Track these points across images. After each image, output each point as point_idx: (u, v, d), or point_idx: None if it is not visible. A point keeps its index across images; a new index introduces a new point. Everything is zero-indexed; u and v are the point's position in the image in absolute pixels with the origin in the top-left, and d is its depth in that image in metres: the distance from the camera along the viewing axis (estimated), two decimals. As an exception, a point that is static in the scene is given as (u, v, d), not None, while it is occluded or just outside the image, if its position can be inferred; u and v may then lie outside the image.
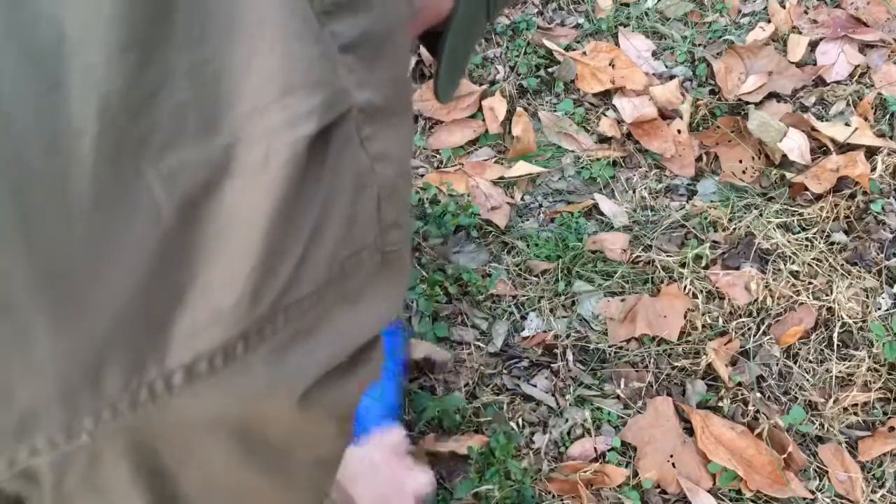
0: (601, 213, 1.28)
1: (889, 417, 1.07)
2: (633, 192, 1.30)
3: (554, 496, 1.00)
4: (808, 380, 1.10)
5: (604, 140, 1.37)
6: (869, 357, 1.10)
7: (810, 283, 1.17)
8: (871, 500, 1.01)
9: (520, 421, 1.07)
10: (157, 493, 0.29)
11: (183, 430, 0.28)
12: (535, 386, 1.10)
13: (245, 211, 0.27)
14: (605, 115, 1.39)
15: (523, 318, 1.16)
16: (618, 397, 1.09)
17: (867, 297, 1.16)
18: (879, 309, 1.15)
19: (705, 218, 1.25)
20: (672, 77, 1.44)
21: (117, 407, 0.26)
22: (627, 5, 1.56)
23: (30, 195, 0.24)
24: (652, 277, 1.19)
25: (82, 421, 0.26)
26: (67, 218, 0.24)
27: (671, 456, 1.03)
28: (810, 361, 1.11)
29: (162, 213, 0.25)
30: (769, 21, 1.51)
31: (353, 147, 0.30)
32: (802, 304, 1.15)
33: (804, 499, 1.00)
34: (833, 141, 1.30)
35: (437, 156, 1.36)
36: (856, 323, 1.13)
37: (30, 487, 0.28)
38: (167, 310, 0.26)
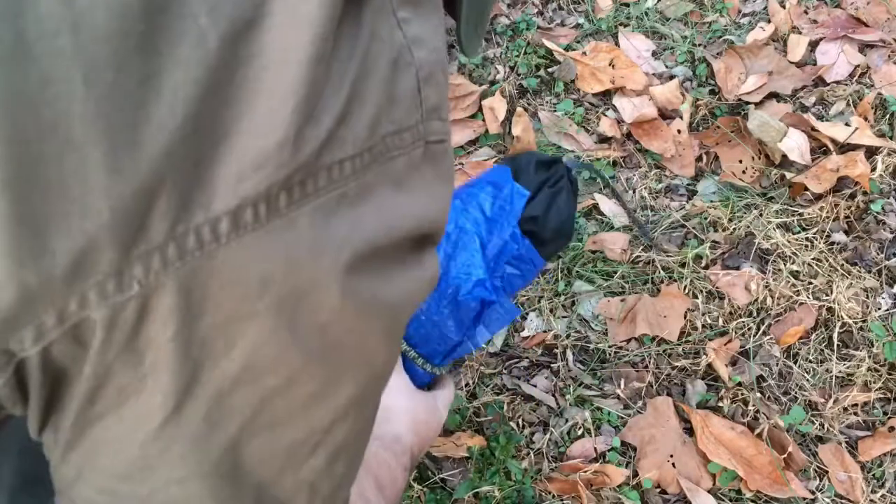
0: (601, 213, 1.28)
1: (889, 417, 1.07)
2: (633, 192, 1.31)
3: (554, 496, 1.00)
4: (808, 380, 1.10)
5: (604, 140, 1.37)
6: (869, 357, 1.10)
7: (810, 283, 1.17)
8: (871, 500, 1.01)
9: (520, 421, 1.07)
10: (192, 368, 0.28)
11: (231, 288, 0.27)
12: (535, 386, 1.10)
13: (287, 47, 0.26)
14: (605, 115, 1.39)
15: (523, 318, 1.16)
16: (618, 397, 1.09)
17: (867, 297, 1.16)
18: (879, 309, 1.15)
19: (705, 218, 1.25)
20: (672, 77, 1.44)
21: (166, 254, 0.25)
22: (627, 5, 1.56)
23: (81, 11, 0.23)
24: (652, 277, 1.19)
25: (133, 268, 0.25)
26: (119, 36, 0.23)
27: (671, 456, 1.03)
28: (810, 361, 1.11)
29: (208, 41, 0.25)
30: (769, 21, 1.51)
31: (390, 21, 0.31)
32: (802, 304, 1.15)
33: (804, 499, 1.00)
34: (833, 141, 1.30)
35: (437, 156, 1.36)
36: (856, 323, 1.13)
37: (75, 351, 0.26)
38: (213, 149, 0.26)
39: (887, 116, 1.34)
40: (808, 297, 1.15)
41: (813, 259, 1.19)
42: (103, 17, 0.23)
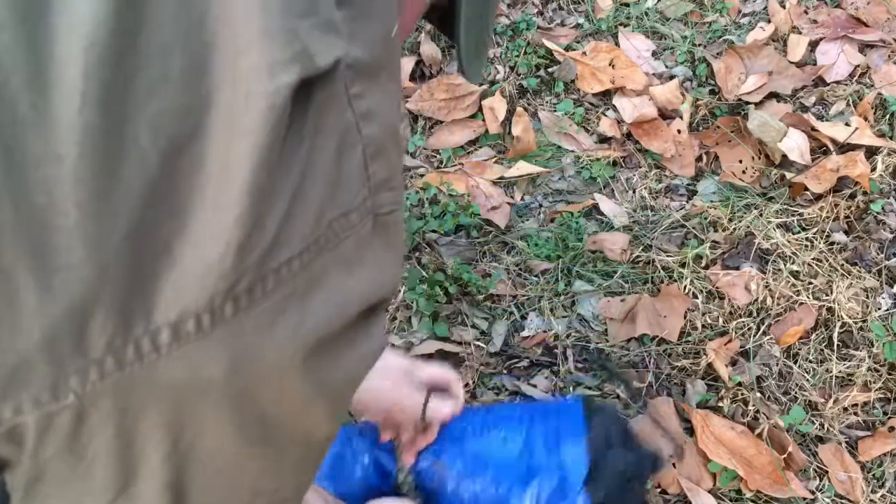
0: (601, 213, 1.28)
1: (889, 417, 1.07)
2: (633, 192, 1.30)
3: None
4: (808, 380, 1.10)
5: (604, 140, 1.37)
6: (869, 357, 1.10)
7: (810, 283, 1.17)
8: (871, 500, 1.01)
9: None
10: (131, 465, 0.29)
11: (171, 392, 0.27)
12: (535, 386, 1.10)
13: (229, 159, 0.26)
14: (605, 115, 1.39)
15: (523, 318, 1.16)
16: (618, 397, 1.09)
17: (867, 297, 1.16)
18: (879, 309, 1.15)
19: (705, 218, 1.25)
20: (672, 77, 1.44)
21: (104, 366, 0.26)
22: (627, 5, 1.56)
23: (13, 136, 0.23)
24: (652, 277, 1.19)
25: (69, 380, 0.26)
26: (54, 162, 0.24)
27: (671, 456, 1.03)
28: (810, 361, 1.11)
29: (148, 159, 0.25)
30: (769, 21, 1.51)
31: (339, 105, 0.30)
32: (802, 304, 1.15)
33: (804, 499, 1.00)
34: (833, 141, 1.30)
35: (437, 156, 1.36)
36: (856, 323, 1.13)
37: (12, 450, 0.27)
38: (153, 262, 0.26)
39: (887, 116, 1.34)
40: (808, 297, 1.15)
41: (813, 259, 1.19)
42: None
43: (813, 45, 1.46)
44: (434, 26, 0.49)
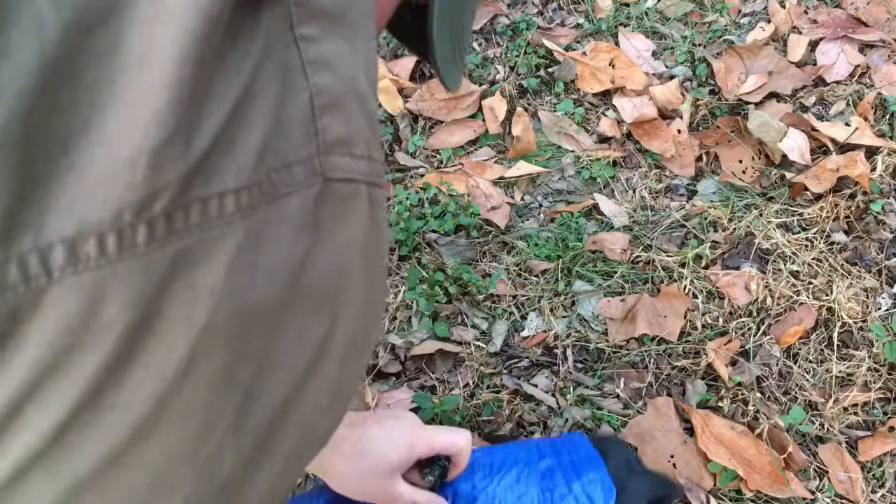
0: (601, 213, 1.28)
1: (889, 417, 1.07)
2: (633, 192, 1.30)
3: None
4: (808, 380, 1.10)
5: (604, 140, 1.37)
6: (869, 357, 1.10)
7: (810, 283, 1.17)
8: (871, 500, 1.01)
9: (520, 421, 1.07)
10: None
11: (57, 337, 0.22)
12: (535, 386, 1.10)
13: (152, 46, 0.22)
14: (605, 115, 1.39)
15: (523, 318, 1.16)
16: (618, 397, 1.09)
17: (867, 297, 1.16)
18: (879, 309, 1.15)
19: (705, 218, 1.25)
20: (672, 77, 1.44)
21: None
22: (627, 5, 1.56)
23: None
24: (652, 277, 1.19)
25: None
26: None
27: (672, 456, 1.03)
28: (810, 361, 1.11)
29: (46, 31, 0.20)
30: (769, 21, 1.51)
31: (284, 38, 0.26)
32: (802, 304, 1.15)
33: (804, 499, 1.00)
34: (833, 141, 1.30)
35: (437, 156, 1.36)
36: (856, 323, 1.13)
37: None
38: (49, 161, 0.21)
39: (887, 116, 1.34)
40: (808, 297, 1.15)
41: (813, 259, 1.19)
42: None
43: (813, 45, 1.46)
44: (403, 40, 0.44)
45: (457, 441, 0.70)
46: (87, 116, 0.21)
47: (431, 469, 0.69)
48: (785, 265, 1.18)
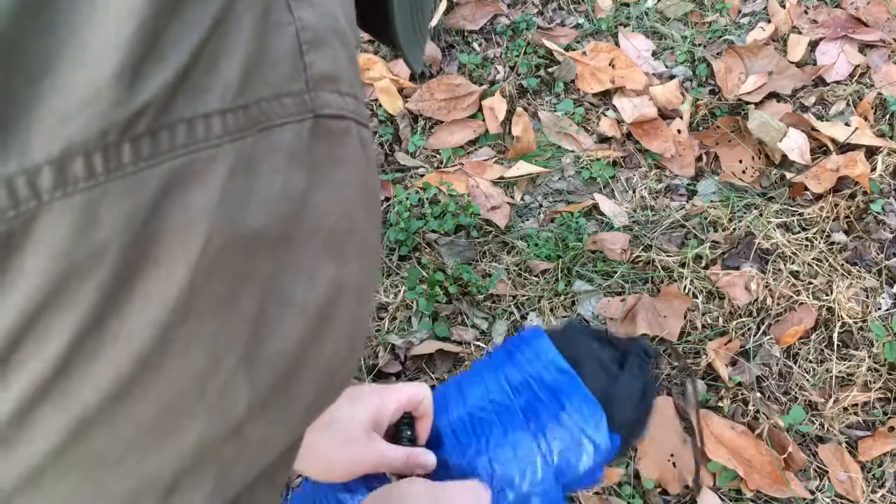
0: (601, 213, 1.28)
1: (889, 417, 1.07)
2: (633, 192, 1.31)
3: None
4: (808, 380, 1.10)
5: (604, 140, 1.37)
6: (869, 357, 1.10)
7: (810, 283, 1.17)
8: (871, 500, 1.01)
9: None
10: None
11: (50, 264, 0.22)
12: (535, 386, 1.10)
13: None
14: (605, 115, 1.39)
15: (523, 317, 1.16)
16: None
17: (867, 297, 1.16)
18: (879, 309, 1.15)
19: (705, 218, 1.25)
20: (672, 77, 1.44)
21: None
22: (627, 5, 1.56)
23: None
24: (652, 277, 1.19)
25: None
26: None
27: (672, 455, 1.03)
28: (810, 361, 1.11)
29: None
30: (769, 21, 1.51)
31: None
32: (802, 304, 1.15)
33: (804, 499, 1.00)
34: (833, 141, 1.30)
35: (437, 156, 1.36)
36: (856, 323, 1.13)
37: None
38: (29, 84, 0.21)
39: (887, 116, 1.34)
40: (808, 297, 1.15)
41: (813, 259, 1.19)
42: None
43: (813, 45, 1.46)
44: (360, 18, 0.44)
45: (420, 390, 0.70)
46: (66, 37, 0.22)
47: (401, 429, 0.69)
48: (785, 265, 1.18)
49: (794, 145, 1.28)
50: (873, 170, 1.27)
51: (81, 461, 0.25)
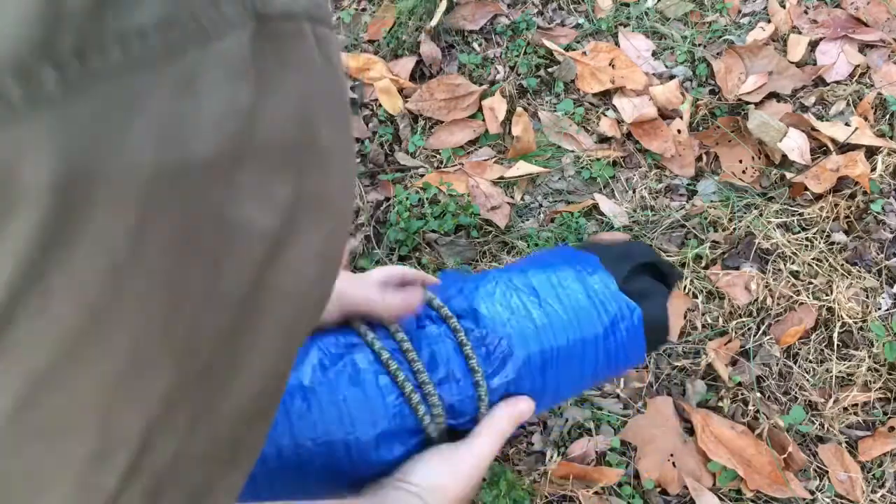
0: (601, 213, 1.28)
1: (889, 417, 1.07)
2: (633, 192, 1.31)
3: (553, 496, 1.00)
4: (808, 380, 1.10)
5: (604, 140, 1.37)
6: (869, 357, 1.10)
7: (810, 283, 1.17)
8: (871, 500, 1.01)
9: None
10: None
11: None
12: (535, 386, 1.10)
13: None
14: (605, 115, 1.39)
15: (523, 317, 1.16)
16: (618, 397, 1.09)
17: (867, 297, 1.16)
18: (879, 309, 1.15)
19: (705, 218, 1.25)
20: (672, 77, 1.44)
21: None
22: (627, 5, 1.56)
23: None
24: (652, 277, 1.19)
25: None
26: None
27: (671, 455, 1.03)
28: (810, 361, 1.11)
29: None
30: (769, 21, 1.51)
31: None
32: (802, 304, 1.15)
33: (804, 499, 1.00)
34: (833, 141, 1.30)
35: (437, 156, 1.36)
36: (856, 323, 1.13)
37: None
38: None
39: (887, 116, 1.34)
40: (808, 297, 1.15)
41: (813, 259, 1.19)
42: None
43: (813, 45, 1.46)
44: None
45: (404, 270, 0.67)
46: None
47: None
48: (785, 265, 1.18)
49: (794, 145, 1.28)
50: (873, 170, 1.27)
51: (40, 427, 0.23)
